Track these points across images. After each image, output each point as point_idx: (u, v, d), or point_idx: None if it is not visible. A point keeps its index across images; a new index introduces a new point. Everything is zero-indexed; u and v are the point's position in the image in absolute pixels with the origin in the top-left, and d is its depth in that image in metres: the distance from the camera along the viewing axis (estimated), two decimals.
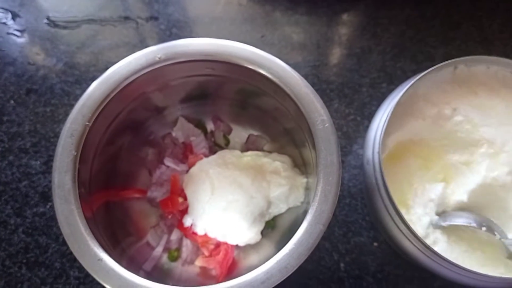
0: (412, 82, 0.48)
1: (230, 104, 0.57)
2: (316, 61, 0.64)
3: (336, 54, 0.65)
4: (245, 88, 0.51)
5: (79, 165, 0.44)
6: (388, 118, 0.47)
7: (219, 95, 0.55)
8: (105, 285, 0.40)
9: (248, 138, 0.59)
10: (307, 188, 0.53)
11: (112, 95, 0.46)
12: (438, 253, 0.43)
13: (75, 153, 0.43)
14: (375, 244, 0.56)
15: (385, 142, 0.50)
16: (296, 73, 0.46)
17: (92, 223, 0.43)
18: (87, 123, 0.45)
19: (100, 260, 0.40)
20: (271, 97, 0.50)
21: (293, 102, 0.46)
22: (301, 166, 0.55)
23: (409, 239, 0.46)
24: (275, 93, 0.49)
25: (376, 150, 0.47)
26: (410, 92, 0.50)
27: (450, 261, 0.43)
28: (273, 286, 0.39)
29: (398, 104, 0.48)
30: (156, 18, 0.68)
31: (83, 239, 0.41)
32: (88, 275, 0.54)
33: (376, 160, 0.47)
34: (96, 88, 0.45)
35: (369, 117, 0.62)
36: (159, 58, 0.47)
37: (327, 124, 0.44)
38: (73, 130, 0.44)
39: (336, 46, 0.66)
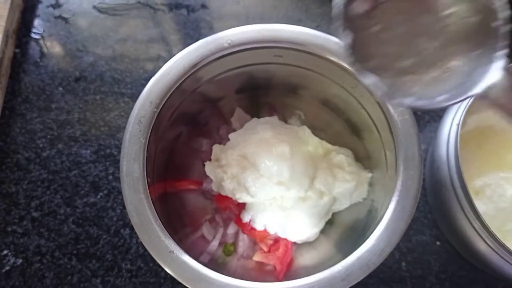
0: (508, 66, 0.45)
1: (289, 95, 0.55)
2: None
3: None
4: (310, 78, 0.49)
5: (146, 153, 0.42)
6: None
7: (279, 85, 0.53)
8: (177, 278, 0.38)
9: None
10: (370, 184, 0.51)
11: (180, 81, 0.44)
12: None
13: (143, 140, 0.42)
14: (438, 243, 0.54)
15: (465, 120, 0.47)
16: None
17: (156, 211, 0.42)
18: (155, 109, 0.43)
19: (172, 252, 0.38)
20: (339, 87, 0.48)
21: (368, 91, 0.44)
22: (364, 159, 0.52)
23: (482, 237, 0.44)
24: (345, 82, 0.47)
25: (456, 122, 0.45)
26: None
27: None
28: (354, 283, 0.38)
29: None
30: (206, 7, 0.66)
31: (154, 229, 0.39)
32: (140, 268, 0.53)
33: (453, 135, 0.44)
34: (165, 74, 0.44)
35: (430, 111, 0.59)
36: (228, 43, 0.45)
37: (407, 116, 0.42)
38: (141, 116, 0.42)
39: None
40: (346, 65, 0.44)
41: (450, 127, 0.47)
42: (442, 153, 0.48)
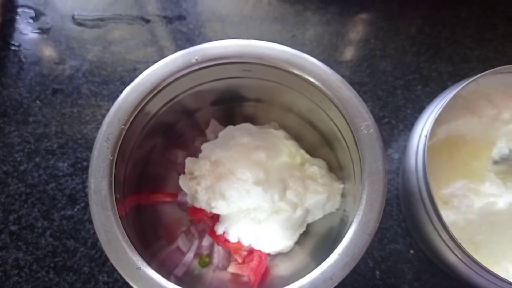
0: (477, 77, 0.46)
1: (262, 106, 0.55)
2: (349, 62, 0.63)
3: (369, 55, 0.64)
4: (280, 91, 0.50)
5: (115, 170, 0.42)
6: (444, 104, 0.45)
7: (252, 97, 0.54)
8: None
9: None
10: (343, 195, 0.52)
11: (148, 97, 0.45)
12: (482, 265, 0.41)
13: (111, 157, 0.42)
14: (412, 251, 0.55)
15: (434, 130, 0.48)
16: (338, 75, 0.45)
17: (126, 226, 0.42)
18: (123, 126, 0.43)
19: (139, 268, 0.39)
20: (308, 100, 0.48)
21: (335, 105, 0.44)
22: (337, 170, 0.53)
23: (450, 249, 0.45)
24: (313, 96, 0.47)
25: (424, 133, 0.46)
26: (474, 87, 0.48)
27: (495, 273, 0.41)
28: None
29: (457, 96, 0.46)
30: (184, 17, 0.66)
31: (121, 247, 0.39)
32: (117, 280, 0.54)
33: (422, 147, 0.45)
34: (133, 90, 0.44)
35: (404, 120, 0.60)
36: (196, 60, 0.45)
37: (371, 130, 0.42)
38: (109, 134, 0.43)
39: (369, 46, 0.64)
40: (312, 80, 0.44)
41: (419, 139, 0.48)
42: (411, 163, 0.48)
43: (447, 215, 0.48)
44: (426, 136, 0.46)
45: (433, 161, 0.47)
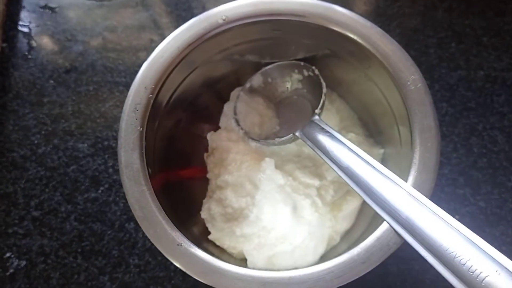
0: None
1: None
2: (377, 22, 0.59)
3: (398, 14, 0.60)
4: (313, 51, 0.46)
5: (145, 142, 0.39)
6: None
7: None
8: (187, 272, 0.36)
9: None
10: (383, 160, 0.49)
11: (175, 63, 0.41)
12: None
13: (141, 128, 0.39)
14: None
15: None
16: (378, 28, 0.41)
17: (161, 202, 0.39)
18: (151, 95, 0.40)
19: (180, 245, 0.36)
20: (345, 62, 0.45)
21: (376, 61, 0.41)
22: (375, 135, 0.50)
23: None
24: (350, 54, 0.44)
25: None
26: None
27: None
28: (376, 265, 0.35)
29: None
30: None
31: (159, 222, 0.37)
32: (148, 262, 0.51)
33: None
34: (158, 57, 0.41)
35: (439, 80, 0.57)
36: (224, 19, 0.42)
37: (419, 84, 0.39)
38: (136, 104, 0.40)
39: (397, 4, 0.60)
40: (351, 34, 0.41)
41: None
42: None
43: None
44: None
45: None
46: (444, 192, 0.52)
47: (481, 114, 0.54)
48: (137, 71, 0.41)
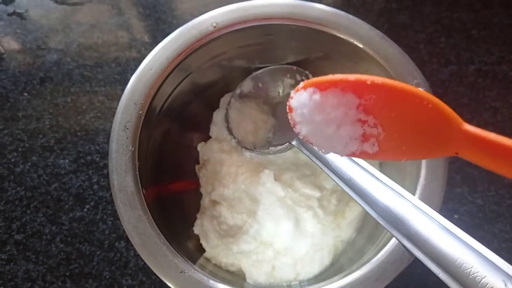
0: None
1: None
2: (364, 18, 0.57)
3: (385, 9, 0.58)
4: (306, 54, 0.44)
5: (138, 163, 0.37)
6: None
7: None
8: None
9: None
10: (380, 164, 0.47)
11: (164, 75, 0.39)
12: None
13: (132, 148, 0.37)
14: None
15: None
16: (377, 30, 0.40)
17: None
18: (141, 111, 0.37)
19: (183, 272, 0.34)
20: (339, 63, 0.43)
21: (377, 65, 0.39)
22: None
23: None
24: (347, 57, 0.42)
25: None
26: None
27: None
28: (390, 281, 0.34)
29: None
30: None
31: (159, 250, 0.34)
32: (143, 282, 0.49)
33: None
34: (146, 69, 0.38)
35: (431, 76, 0.56)
36: (214, 26, 0.39)
37: (423, 88, 0.38)
38: (126, 122, 0.37)
39: None
40: (348, 38, 0.39)
41: None
42: None
43: None
44: None
45: None
46: None
47: (475, 110, 0.54)
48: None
